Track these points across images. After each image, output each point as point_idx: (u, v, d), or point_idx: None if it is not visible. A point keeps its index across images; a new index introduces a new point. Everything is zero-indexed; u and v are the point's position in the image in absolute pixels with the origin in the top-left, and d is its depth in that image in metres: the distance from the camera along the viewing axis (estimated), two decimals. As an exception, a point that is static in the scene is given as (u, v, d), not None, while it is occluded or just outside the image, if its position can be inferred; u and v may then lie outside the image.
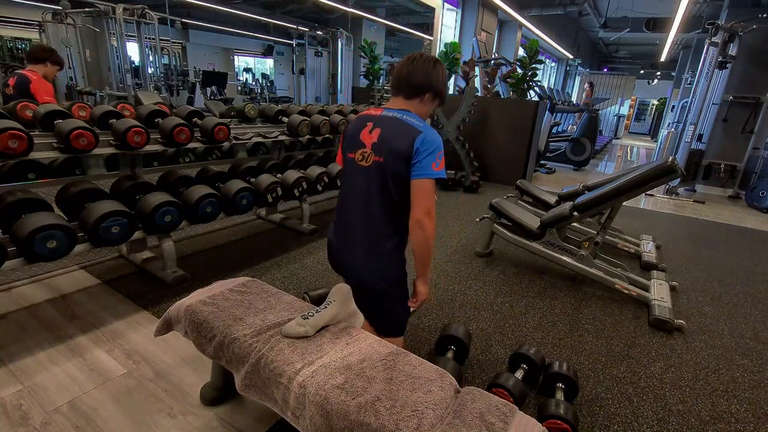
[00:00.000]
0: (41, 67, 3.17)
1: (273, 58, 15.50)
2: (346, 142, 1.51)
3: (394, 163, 1.37)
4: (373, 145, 1.41)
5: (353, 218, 1.48)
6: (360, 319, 1.50)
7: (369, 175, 1.42)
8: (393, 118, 1.41)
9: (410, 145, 1.35)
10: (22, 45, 9.79)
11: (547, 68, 15.55)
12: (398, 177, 1.39)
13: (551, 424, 1.42)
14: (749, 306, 2.72)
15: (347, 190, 1.52)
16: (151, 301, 2.23)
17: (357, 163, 1.44)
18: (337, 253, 1.55)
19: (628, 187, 2.55)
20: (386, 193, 1.42)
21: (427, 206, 1.37)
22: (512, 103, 5.99)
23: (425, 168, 1.36)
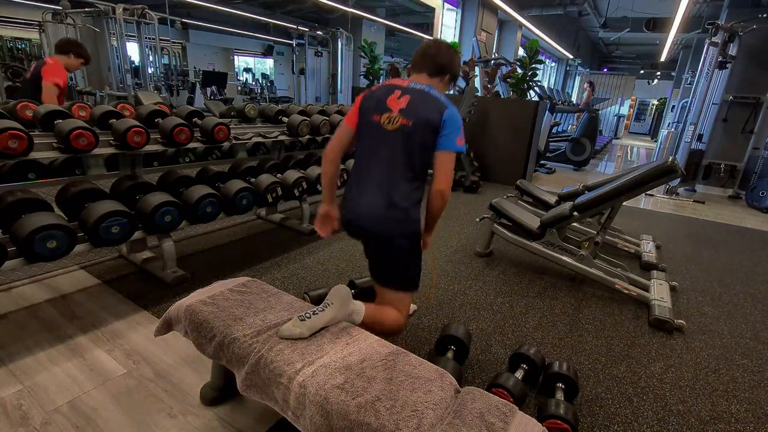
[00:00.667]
0: (64, 58, 3.22)
1: (273, 58, 15.51)
2: (368, 105, 1.62)
3: (422, 130, 1.52)
4: (401, 111, 1.54)
5: (374, 177, 1.58)
6: (360, 316, 1.50)
7: (394, 138, 1.55)
8: (421, 90, 1.57)
9: (439, 116, 1.51)
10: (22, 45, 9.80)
11: (547, 68, 15.55)
12: (424, 143, 1.53)
13: (551, 424, 1.42)
14: (749, 306, 2.72)
15: (369, 152, 1.61)
16: (151, 301, 2.23)
17: (382, 126, 1.57)
18: (356, 208, 1.62)
19: (628, 187, 2.55)
20: (409, 155, 1.55)
21: (448, 177, 1.55)
22: (512, 103, 5.99)
23: (451, 142, 1.53)
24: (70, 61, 3.23)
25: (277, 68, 15.64)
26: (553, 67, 16.38)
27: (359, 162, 1.66)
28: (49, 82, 3.06)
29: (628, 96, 16.09)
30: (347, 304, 1.44)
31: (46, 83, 3.06)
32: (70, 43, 3.31)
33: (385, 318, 1.62)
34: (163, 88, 7.37)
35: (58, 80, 3.11)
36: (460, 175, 5.39)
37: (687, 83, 10.03)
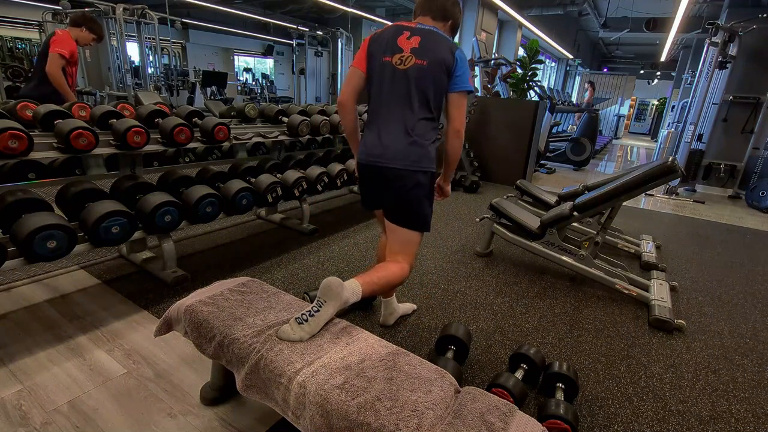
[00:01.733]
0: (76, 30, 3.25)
1: (273, 58, 15.51)
2: (377, 47, 1.65)
3: (436, 69, 1.56)
4: (413, 50, 1.58)
5: (392, 116, 1.63)
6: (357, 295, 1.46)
7: (409, 77, 1.58)
8: (430, 30, 1.61)
9: (451, 56, 1.56)
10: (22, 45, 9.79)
11: (547, 68, 15.55)
12: (438, 81, 1.58)
13: (551, 424, 1.42)
14: (749, 306, 2.72)
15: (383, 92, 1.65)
16: (151, 301, 2.23)
17: (395, 66, 1.60)
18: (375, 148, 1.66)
19: (628, 187, 2.55)
20: (425, 93, 1.59)
21: (463, 117, 1.63)
22: (512, 103, 5.99)
23: (464, 81, 1.59)
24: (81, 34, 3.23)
25: (277, 68, 15.65)
26: (553, 67, 16.38)
27: (374, 104, 1.69)
28: (54, 51, 3.07)
29: (628, 96, 16.09)
30: (341, 295, 1.38)
31: (51, 53, 3.07)
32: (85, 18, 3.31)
33: (386, 275, 1.64)
34: (163, 88, 7.37)
35: (64, 51, 3.12)
36: (460, 175, 5.39)
37: (687, 83, 10.04)
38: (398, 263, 1.71)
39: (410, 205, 1.69)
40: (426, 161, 1.64)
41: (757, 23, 5.64)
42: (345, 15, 9.43)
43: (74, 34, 3.20)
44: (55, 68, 3.08)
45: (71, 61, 3.22)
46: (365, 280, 1.52)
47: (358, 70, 1.69)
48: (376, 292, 1.59)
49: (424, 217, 1.74)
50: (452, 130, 1.63)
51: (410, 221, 1.71)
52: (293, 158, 3.56)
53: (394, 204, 1.72)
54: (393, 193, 1.69)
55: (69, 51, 3.17)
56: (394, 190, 1.69)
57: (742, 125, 6.10)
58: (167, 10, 7.80)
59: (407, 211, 1.70)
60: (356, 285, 1.48)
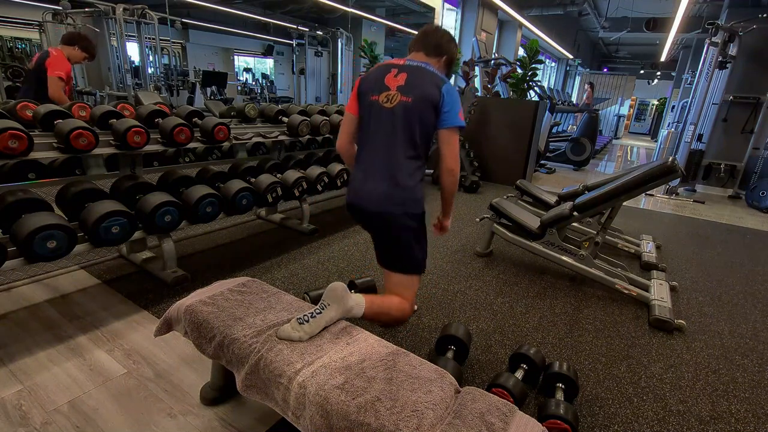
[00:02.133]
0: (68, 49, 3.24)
1: (273, 58, 15.50)
2: (366, 86, 1.62)
3: (421, 105, 1.51)
4: (399, 87, 1.54)
5: (378, 156, 1.58)
6: (361, 309, 1.48)
7: (394, 116, 1.54)
8: (417, 67, 1.57)
9: (437, 91, 1.51)
10: (22, 45, 9.80)
11: (547, 68, 15.55)
12: (424, 119, 1.53)
13: (551, 424, 1.42)
14: (749, 306, 2.72)
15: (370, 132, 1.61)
16: (151, 301, 2.23)
17: (381, 105, 1.56)
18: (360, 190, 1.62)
19: (628, 187, 2.55)
20: (410, 132, 1.54)
21: (455, 154, 1.55)
22: (512, 103, 5.99)
23: (454, 117, 1.53)
24: (74, 53, 3.23)
25: (277, 68, 15.64)
26: (553, 67, 16.37)
27: (361, 144, 1.66)
28: (53, 75, 3.08)
29: (628, 96, 16.09)
30: (345, 301, 1.41)
31: (51, 77, 3.08)
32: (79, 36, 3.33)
33: (390, 307, 1.61)
34: (163, 88, 7.37)
35: (62, 73, 3.14)
36: (460, 175, 5.39)
37: (687, 83, 10.04)
38: (404, 299, 1.67)
39: (399, 249, 1.64)
40: (411, 204, 1.58)
41: (757, 23, 5.63)
42: (345, 15, 9.43)
43: (67, 52, 3.20)
44: (57, 92, 3.12)
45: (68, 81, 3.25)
46: (370, 299, 1.53)
47: (351, 115, 1.67)
48: (375, 317, 1.57)
49: (416, 261, 1.67)
50: (444, 168, 1.56)
51: (401, 266, 1.65)
52: (293, 158, 3.56)
53: (383, 248, 1.67)
54: (380, 237, 1.66)
55: (66, 72, 3.20)
56: (381, 234, 1.65)
57: (742, 125, 6.09)
58: (167, 10, 7.80)
59: (397, 256, 1.65)
60: (361, 299, 1.49)
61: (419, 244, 1.67)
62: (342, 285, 1.42)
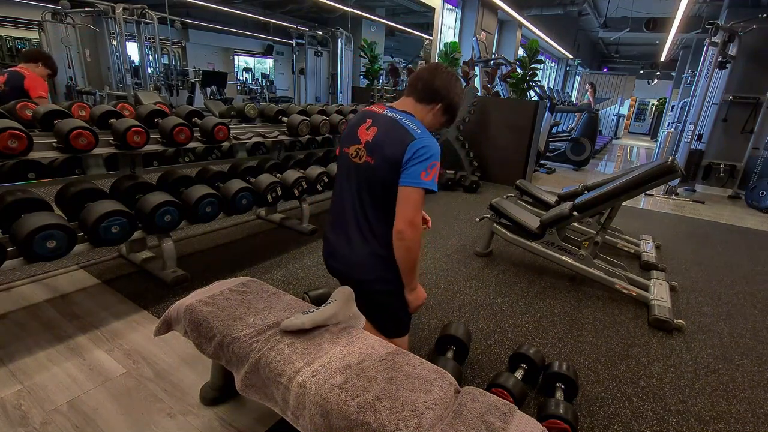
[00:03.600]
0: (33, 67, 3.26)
1: (273, 58, 15.50)
2: (346, 132, 1.47)
3: (383, 168, 1.32)
4: (366, 144, 1.36)
5: (348, 216, 1.44)
6: (361, 322, 1.49)
7: (360, 174, 1.39)
8: (392, 120, 1.36)
9: (402, 151, 1.29)
10: (21, 45, 9.80)
11: (547, 68, 15.54)
12: (386, 182, 1.33)
13: (551, 424, 1.42)
14: (749, 306, 2.72)
15: (342, 186, 1.47)
16: (151, 301, 2.22)
17: (351, 159, 1.40)
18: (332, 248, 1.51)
19: (628, 187, 2.55)
20: (376, 194, 1.38)
21: (410, 216, 1.31)
22: (512, 103, 5.99)
23: (413, 176, 1.29)
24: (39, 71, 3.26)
25: (277, 68, 15.63)
26: (553, 67, 16.37)
27: (334, 195, 1.53)
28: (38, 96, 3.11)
29: (628, 96, 16.09)
30: (350, 305, 1.42)
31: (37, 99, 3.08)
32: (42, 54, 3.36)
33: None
34: (162, 87, 7.36)
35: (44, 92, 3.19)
36: (460, 174, 5.40)
37: (687, 83, 10.03)
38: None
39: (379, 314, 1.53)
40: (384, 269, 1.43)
41: (756, 23, 5.64)
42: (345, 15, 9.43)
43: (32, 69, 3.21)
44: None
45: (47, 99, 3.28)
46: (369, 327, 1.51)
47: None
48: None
49: (399, 324, 1.56)
50: (395, 230, 1.33)
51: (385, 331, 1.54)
52: (293, 158, 3.56)
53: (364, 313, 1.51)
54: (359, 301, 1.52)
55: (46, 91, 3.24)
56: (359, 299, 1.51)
57: (742, 125, 6.10)
58: (167, 10, 7.79)
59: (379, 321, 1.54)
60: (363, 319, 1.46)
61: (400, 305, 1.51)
62: (350, 290, 1.43)
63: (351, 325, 1.45)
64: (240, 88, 12.88)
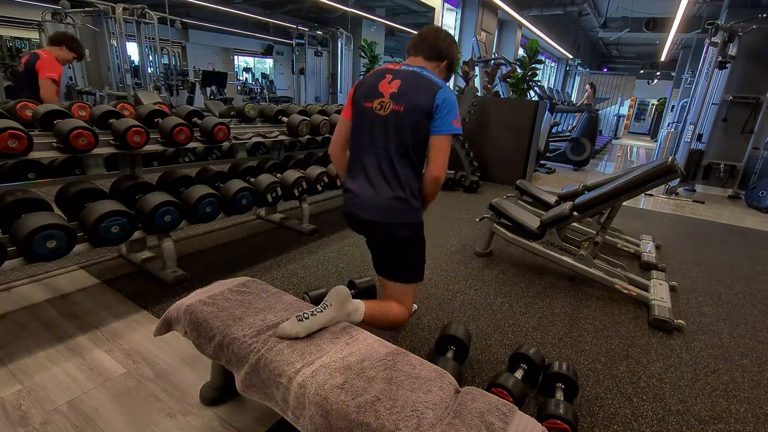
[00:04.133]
0: (56, 50, 3.23)
1: (273, 58, 15.50)
2: (360, 92, 1.58)
3: (414, 115, 1.46)
4: (392, 95, 1.49)
5: (370, 165, 1.55)
6: (360, 314, 1.48)
7: (387, 124, 1.50)
8: (413, 72, 1.51)
9: (431, 99, 1.44)
10: (22, 45, 9.80)
11: (547, 68, 15.55)
12: (417, 128, 1.47)
13: (551, 424, 1.42)
14: (749, 306, 2.72)
15: (364, 140, 1.57)
16: (151, 301, 2.23)
17: (375, 112, 1.52)
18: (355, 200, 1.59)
19: (628, 187, 2.55)
20: (403, 141, 1.49)
21: (443, 163, 1.50)
22: (512, 103, 5.99)
23: (446, 124, 1.46)
24: (61, 53, 3.23)
25: (277, 68, 15.63)
26: (553, 67, 16.38)
27: (354, 152, 1.62)
28: (45, 77, 3.08)
29: (628, 96, 16.10)
30: (346, 305, 1.43)
31: (42, 80, 3.07)
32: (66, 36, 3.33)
33: (388, 312, 1.60)
34: (162, 87, 7.36)
35: (54, 75, 3.14)
36: (460, 174, 5.40)
37: (687, 83, 10.03)
38: (403, 305, 1.65)
39: (397, 259, 1.62)
40: (408, 213, 1.54)
41: (756, 23, 5.64)
42: (345, 15, 9.43)
43: (55, 53, 3.20)
44: (50, 94, 3.11)
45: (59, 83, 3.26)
46: (370, 305, 1.52)
47: (345, 121, 1.64)
48: (374, 323, 1.55)
49: (413, 270, 1.65)
50: (429, 176, 1.52)
51: (399, 275, 1.64)
52: (293, 158, 3.56)
53: (380, 257, 1.66)
54: (378, 246, 1.63)
55: (58, 74, 3.20)
56: (378, 244, 1.63)
57: (742, 125, 6.10)
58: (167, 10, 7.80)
59: (394, 266, 1.63)
60: (361, 306, 1.49)
61: (418, 253, 1.64)
62: (346, 290, 1.43)
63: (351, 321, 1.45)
64: (240, 88, 12.89)
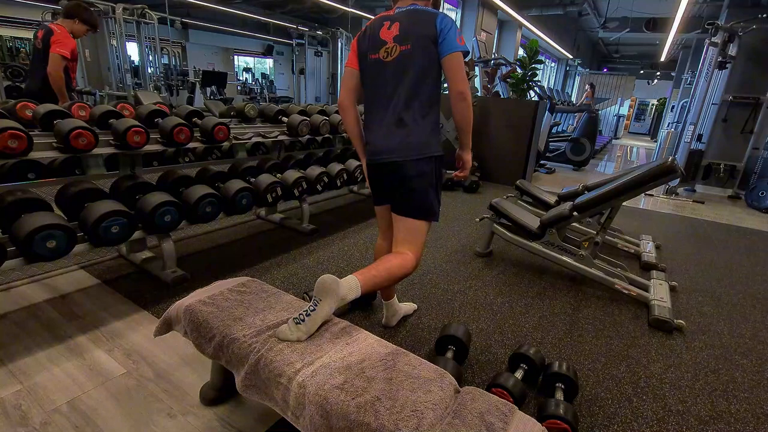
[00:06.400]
0: (70, 23, 3.18)
1: (273, 58, 15.51)
2: (365, 45, 1.65)
3: (422, 47, 1.53)
4: (395, 38, 1.56)
5: (387, 112, 1.61)
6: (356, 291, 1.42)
7: (397, 67, 1.56)
8: (408, 11, 1.57)
9: (433, 25, 1.52)
10: (22, 45, 9.80)
11: (547, 68, 15.55)
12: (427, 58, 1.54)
13: (551, 424, 1.42)
14: (749, 306, 2.72)
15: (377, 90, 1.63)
16: (151, 301, 2.22)
17: (383, 61, 1.58)
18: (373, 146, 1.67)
19: (628, 187, 2.55)
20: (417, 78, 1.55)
21: (462, 77, 1.53)
22: (512, 103, 5.99)
23: (452, 43, 1.52)
24: (75, 26, 3.18)
25: (277, 68, 15.65)
26: (553, 68, 16.38)
27: (368, 103, 1.69)
28: (56, 53, 3.04)
29: (628, 96, 16.10)
30: (337, 291, 1.36)
31: (52, 54, 3.04)
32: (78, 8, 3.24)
33: (388, 267, 1.58)
34: (162, 87, 7.37)
35: (65, 51, 3.10)
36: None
37: (687, 83, 10.04)
38: (401, 254, 1.67)
39: (414, 195, 1.67)
40: (424, 147, 1.61)
41: (756, 23, 5.63)
42: (345, 15, 9.44)
43: (69, 27, 3.14)
44: (57, 69, 3.08)
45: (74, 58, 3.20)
46: (364, 275, 1.48)
47: (353, 69, 1.70)
48: (378, 286, 1.54)
49: (430, 206, 1.71)
50: (454, 93, 1.56)
51: (415, 211, 1.69)
52: (293, 158, 3.56)
53: (399, 195, 1.71)
54: (396, 185, 1.69)
55: (70, 50, 3.16)
56: (396, 183, 1.68)
57: (742, 125, 6.10)
58: (167, 10, 7.80)
59: (412, 201, 1.68)
60: (354, 280, 1.44)
61: (434, 189, 1.70)
62: (331, 277, 1.36)
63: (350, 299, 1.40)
64: (240, 88, 12.90)
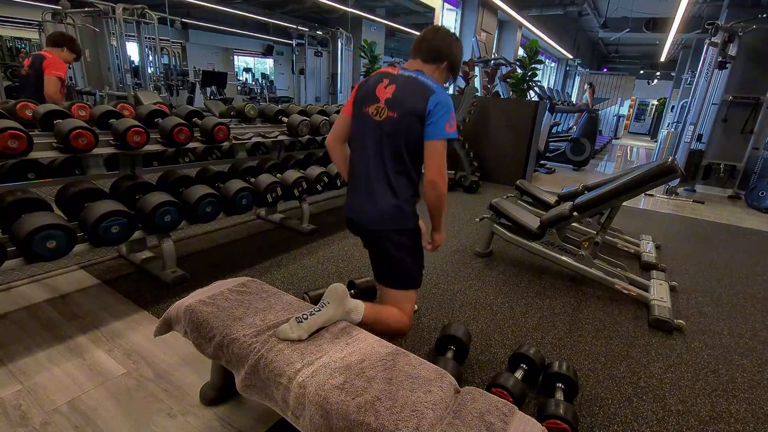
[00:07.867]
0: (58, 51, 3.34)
1: (273, 58, 15.51)
2: (361, 95, 1.60)
3: (408, 121, 1.46)
4: (387, 101, 1.49)
5: (368, 171, 1.56)
6: (359, 314, 1.48)
7: (382, 129, 1.51)
8: (408, 77, 1.50)
9: (424, 104, 1.44)
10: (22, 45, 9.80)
11: (547, 68, 15.55)
12: (411, 134, 1.48)
13: (551, 424, 1.42)
14: (749, 306, 2.72)
15: (361, 144, 1.59)
16: (151, 301, 2.22)
17: (371, 117, 1.52)
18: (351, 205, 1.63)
19: (628, 187, 2.55)
20: (398, 147, 1.50)
21: (439, 166, 1.47)
22: (512, 103, 5.99)
23: (439, 129, 1.45)
24: (64, 55, 3.34)
25: (277, 68, 15.64)
26: (553, 68, 16.38)
27: (352, 156, 1.66)
28: (52, 75, 3.16)
29: (628, 96, 16.10)
30: (344, 303, 1.42)
31: (49, 77, 3.15)
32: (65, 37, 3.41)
33: (388, 317, 1.60)
34: (162, 87, 7.36)
35: (61, 73, 3.23)
36: (460, 175, 5.39)
37: (687, 83, 10.03)
38: (403, 312, 1.66)
39: (393, 266, 1.63)
40: (402, 220, 1.56)
41: (756, 23, 5.63)
42: (345, 15, 9.44)
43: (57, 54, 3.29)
44: (55, 91, 3.19)
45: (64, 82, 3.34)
46: (371, 308, 1.52)
47: (345, 116, 1.66)
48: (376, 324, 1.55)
49: (410, 277, 1.67)
50: (426, 180, 1.51)
51: (396, 282, 1.66)
52: (293, 158, 3.56)
53: (377, 264, 1.68)
54: (374, 253, 1.65)
55: (65, 73, 3.29)
56: (374, 250, 1.65)
57: (742, 125, 6.10)
58: (167, 10, 7.80)
59: (391, 273, 1.65)
60: (361, 305, 1.49)
61: (413, 259, 1.65)
62: (343, 287, 1.43)
63: (350, 320, 1.45)
64: (240, 88, 12.90)
